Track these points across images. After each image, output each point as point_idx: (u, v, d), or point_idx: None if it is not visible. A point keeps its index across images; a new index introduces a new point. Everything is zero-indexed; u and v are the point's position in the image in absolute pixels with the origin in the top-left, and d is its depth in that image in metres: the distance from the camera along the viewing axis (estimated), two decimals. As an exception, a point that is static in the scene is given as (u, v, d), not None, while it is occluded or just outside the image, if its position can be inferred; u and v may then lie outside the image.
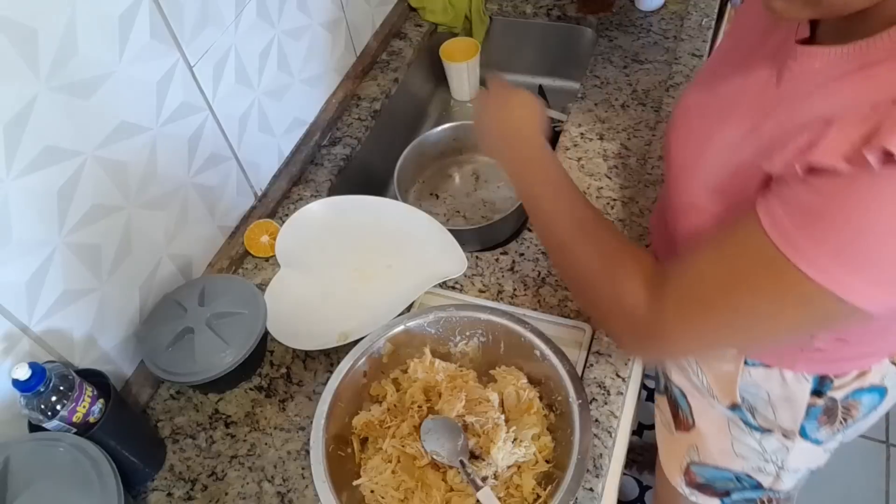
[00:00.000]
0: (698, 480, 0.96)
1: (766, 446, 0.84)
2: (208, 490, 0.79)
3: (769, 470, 0.87)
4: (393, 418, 0.75)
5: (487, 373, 0.79)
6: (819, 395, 0.77)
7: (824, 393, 0.77)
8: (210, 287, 0.86)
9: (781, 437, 0.82)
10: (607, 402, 0.79)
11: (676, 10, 1.29)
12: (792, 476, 0.88)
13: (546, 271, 0.93)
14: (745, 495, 0.93)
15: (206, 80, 0.86)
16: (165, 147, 0.82)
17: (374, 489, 0.71)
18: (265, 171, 1.06)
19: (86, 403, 0.69)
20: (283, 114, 1.06)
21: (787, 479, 0.88)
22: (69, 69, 0.67)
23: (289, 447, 0.81)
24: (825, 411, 0.78)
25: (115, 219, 0.77)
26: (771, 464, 0.86)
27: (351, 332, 0.86)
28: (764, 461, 0.86)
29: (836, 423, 0.80)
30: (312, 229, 0.98)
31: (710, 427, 0.88)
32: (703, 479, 0.95)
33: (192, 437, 0.83)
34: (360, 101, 1.24)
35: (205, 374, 0.78)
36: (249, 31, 0.92)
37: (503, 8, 1.40)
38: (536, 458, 0.71)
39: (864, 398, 0.78)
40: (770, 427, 0.82)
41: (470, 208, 1.20)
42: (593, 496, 0.73)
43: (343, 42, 1.19)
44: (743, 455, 0.87)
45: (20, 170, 0.64)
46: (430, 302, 0.91)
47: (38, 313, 0.71)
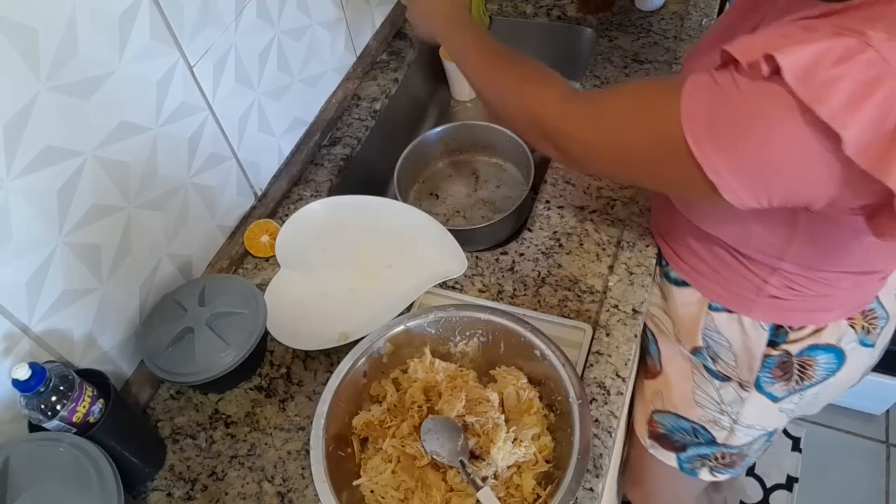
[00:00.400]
0: (659, 430, 1.00)
1: (723, 396, 0.88)
2: (208, 490, 0.79)
3: (724, 423, 0.90)
4: (393, 418, 0.75)
5: (487, 373, 0.79)
6: (774, 346, 0.81)
7: (779, 344, 0.81)
8: (210, 287, 0.86)
9: (738, 388, 0.86)
10: (607, 402, 0.79)
11: (676, 10, 1.29)
12: (745, 432, 0.91)
13: (546, 271, 0.93)
14: (700, 451, 0.96)
15: (206, 80, 0.86)
16: (165, 147, 0.82)
17: (374, 489, 0.71)
18: (265, 171, 1.06)
19: (86, 403, 0.69)
20: (283, 114, 1.06)
21: (740, 434, 0.91)
22: (69, 69, 0.67)
23: (289, 447, 0.81)
24: (780, 365, 0.82)
25: (115, 219, 0.77)
26: (726, 416, 0.90)
27: (351, 332, 0.86)
28: (720, 412, 0.90)
29: (792, 380, 0.83)
30: (312, 229, 0.98)
31: (675, 373, 0.93)
32: (663, 429, 0.99)
33: (192, 437, 0.83)
34: (360, 101, 1.24)
35: (205, 374, 0.78)
36: (249, 31, 0.92)
37: (503, 8, 1.40)
38: (536, 458, 0.71)
39: (819, 356, 0.81)
40: (728, 375, 0.86)
41: (470, 208, 1.20)
42: (593, 496, 0.73)
43: (343, 42, 1.19)
44: (701, 403, 0.91)
45: (20, 170, 0.64)
46: (430, 302, 0.91)
47: (38, 313, 0.71)
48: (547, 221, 0.99)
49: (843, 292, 0.75)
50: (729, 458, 0.96)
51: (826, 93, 0.47)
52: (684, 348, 0.90)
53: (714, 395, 0.89)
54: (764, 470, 1.65)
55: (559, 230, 0.97)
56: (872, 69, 0.46)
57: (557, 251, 0.95)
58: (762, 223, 0.68)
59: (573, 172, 1.04)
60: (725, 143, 0.53)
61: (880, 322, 0.82)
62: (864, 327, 0.81)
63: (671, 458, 1.00)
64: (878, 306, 0.82)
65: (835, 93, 0.46)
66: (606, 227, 0.96)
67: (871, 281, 0.76)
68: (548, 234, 0.97)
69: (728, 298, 0.82)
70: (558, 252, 0.95)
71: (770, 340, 0.81)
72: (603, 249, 0.94)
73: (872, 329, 0.82)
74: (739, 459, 0.97)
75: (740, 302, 0.81)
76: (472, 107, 1.43)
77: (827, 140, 0.48)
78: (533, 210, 1.01)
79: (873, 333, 0.83)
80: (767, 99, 0.50)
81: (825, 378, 0.83)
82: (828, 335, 0.79)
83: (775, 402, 0.86)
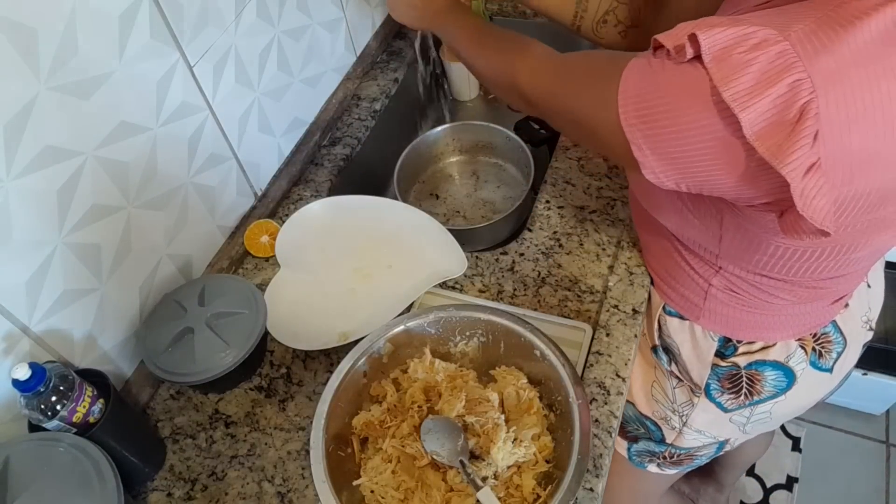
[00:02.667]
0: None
1: (676, 396, 0.89)
2: (208, 490, 0.79)
3: (674, 423, 0.91)
4: (393, 418, 0.75)
5: (487, 373, 0.79)
6: (723, 357, 0.82)
7: (727, 356, 0.81)
8: (210, 287, 0.86)
9: (689, 391, 0.87)
10: (607, 402, 0.79)
11: (676, 10, 1.29)
12: (694, 437, 0.91)
13: (546, 271, 0.93)
14: (650, 447, 0.97)
15: (206, 80, 0.86)
16: (165, 147, 0.82)
17: (374, 489, 0.71)
18: (265, 171, 1.06)
19: (86, 403, 0.69)
20: (283, 114, 1.06)
21: (689, 437, 0.92)
22: (69, 69, 0.67)
23: (289, 447, 0.81)
24: (728, 377, 0.83)
25: (115, 219, 0.77)
26: (677, 416, 0.90)
27: (351, 332, 0.86)
28: (672, 412, 0.91)
29: (741, 394, 0.83)
30: (312, 229, 0.98)
31: (639, 365, 0.93)
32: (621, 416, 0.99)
33: (192, 437, 0.83)
34: (360, 101, 1.24)
35: (205, 374, 0.78)
36: (249, 31, 0.92)
37: (503, 8, 1.40)
38: (536, 458, 0.71)
39: (767, 372, 0.81)
40: (681, 377, 0.87)
41: (470, 208, 1.20)
42: (593, 496, 0.73)
43: (343, 42, 1.19)
44: (657, 399, 0.92)
45: (20, 170, 0.64)
46: (430, 302, 0.91)
47: (38, 313, 0.71)
48: (547, 221, 0.99)
49: (786, 305, 0.75)
50: (676, 458, 0.97)
51: (734, 75, 0.48)
52: (646, 343, 0.91)
53: (669, 394, 0.89)
54: (764, 470, 1.65)
55: (559, 230, 0.97)
56: (782, 59, 0.47)
57: (557, 251, 0.95)
58: (695, 212, 0.69)
59: (573, 172, 1.04)
60: (647, 123, 0.55)
61: (835, 347, 0.82)
62: (816, 350, 0.81)
63: (622, 447, 1.01)
64: (835, 331, 0.81)
65: (742, 76, 0.48)
66: (606, 227, 0.96)
67: (821, 300, 0.76)
68: (548, 234, 0.97)
69: (679, 303, 0.83)
70: (558, 252, 0.95)
71: (718, 351, 0.82)
72: (603, 249, 0.94)
73: (826, 353, 0.82)
74: (688, 460, 0.97)
75: (690, 307, 0.82)
76: (472, 107, 1.43)
77: (730, 124, 0.49)
78: (533, 210, 1.01)
79: (827, 358, 0.82)
80: (684, 79, 0.51)
81: (774, 395, 0.82)
82: (776, 353, 0.80)
83: (725, 413, 0.86)
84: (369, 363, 0.77)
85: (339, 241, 0.99)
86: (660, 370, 0.90)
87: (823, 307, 0.77)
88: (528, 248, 0.96)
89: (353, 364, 0.75)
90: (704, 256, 0.76)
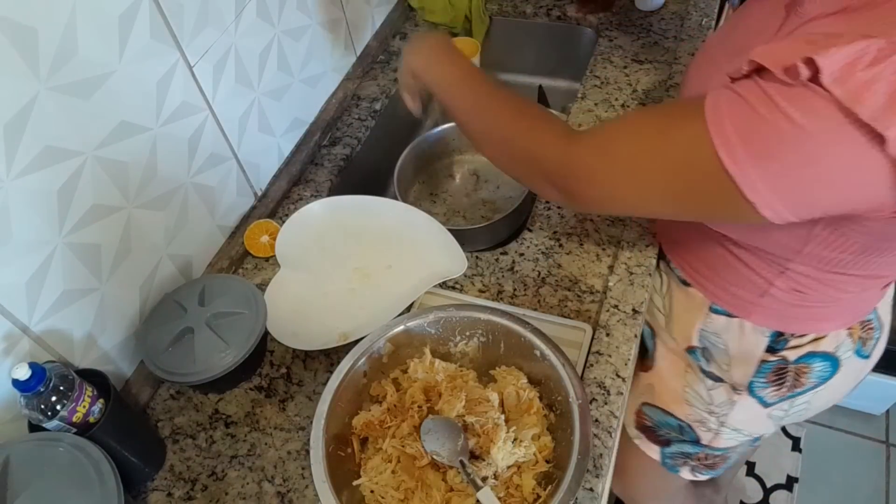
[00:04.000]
0: (646, 422, 1.00)
1: (713, 397, 0.88)
2: (208, 490, 0.79)
3: (711, 424, 0.90)
4: (393, 418, 0.75)
5: (487, 373, 0.79)
6: (773, 352, 0.81)
7: (778, 350, 0.80)
8: (210, 287, 0.86)
9: (730, 390, 0.86)
10: (607, 402, 0.79)
11: (676, 10, 1.29)
12: (731, 436, 0.91)
13: (546, 271, 0.93)
14: (683, 448, 0.97)
15: (206, 80, 0.86)
16: (165, 147, 0.82)
17: (374, 489, 0.71)
18: (265, 171, 1.06)
19: (86, 403, 0.69)
20: (283, 114, 1.06)
21: (726, 437, 0.91)
22: (69, 69, 0.67)
23: (289, 447, 0.81)
24: (775, 370, 0.82)
25: (115, 219, 0.77)
26: (714, 417, 0.90)
27: (351, 332, 0.86)
28: (708, 413, 0.90)
29: (784, 386, 0.82)
30: (312, 229, 0.98)
31: (667, 368, 0.93)
32: (650, 421, 0.99)
33: (192, 437, 0.83)
34: (360, 101, 1.24)
35: (205, 374, 0.78)
36: (249, 31, 0.92)
37: (503, 8, 1.40)
38: (536, 458, 0.71)
39: (815, 364, 0.81)
40: (721, 377, 0.86)
41: (470, 208, 1.20)
42: (593, 496, 0.73)
43: (343, 42, 1.19)
44: (690, 402, 0.91)
45: (20, 170, 0.64)
46: (430, 302, 0.91)
47: (38, 313, 0.71)
48: (547, 221, 0.99)
49: (849, 297, 0.74)
50: (711, 460, 0.96)
51: (865, 94, 0.46)
52: (678, 345, 0.90)
53: (704, 395, 0.89)
54: (764, 470, 1.65)
55: (559, 230, 0.97)
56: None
57: (557, 251, 0.95)
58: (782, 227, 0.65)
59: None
60: (763, 158, 0.51)
61: (875, 333, 0.82)
62: (861, 338, 0.81)
63: (654, 451, 1.00)
64: (874, 317, 0.81)
65: (873, 94, 0.46)
66: (606, 227, 0.96)
67: (875, 286, 0.75)
68: (548, 234, 0.97)
69: (729, 301, 0.81)
70: (558, 252, 0.95)
71: (769, 346, 0.81)
72: (603, 249, 0.94)
73: (868, 340, 0.82)
74: (721, 461, 0.97)
75: (741, 305, 0.80)
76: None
77: (871, 143, 0.47)
78: (533, 210, 1.01)
79: (868, 345, 0.82)
80: (805, 105, 0.48)
81: (817, 385, 0.82)
82: (827, 343, 0.79)
83: (765, 408, 0.86)
84: (369, 363, 0.77)
85: (339, 241, 0.99)
86: (693, 373, 0.89)
87: (875, 294, 0.77)
88: (528, 248, 0.96)
89: (353, 364, 0.75)
90: (772, 259, 0.72)
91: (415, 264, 0.95)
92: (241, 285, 0.86)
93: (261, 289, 0.90)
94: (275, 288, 0.93)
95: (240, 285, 0.86)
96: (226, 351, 0.80)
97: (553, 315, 0.87)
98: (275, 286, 0.93)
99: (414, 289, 0.91)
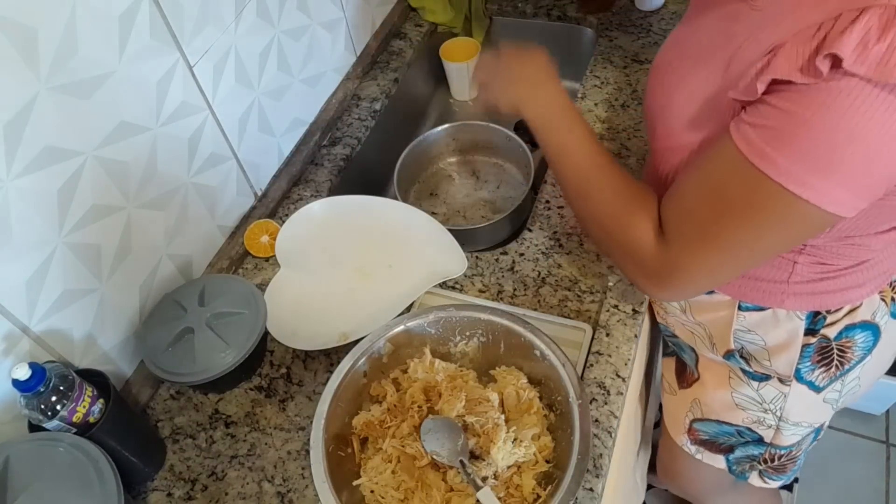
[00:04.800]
0: (701, 437, 0.98)
1: (764, 395, 0.87)
2: (208, 490, 0.79)
3: (769, 421, 0.89)
4: (393, 418, 0.75)
5: (487, 373, 0.79)
6: (813, 334, 0.80)
7: (817, 330, 0.79)
8: (210, 287, 0.86)
9: (778, 383, 0.85)
10: (607, 402, 0.79)
11: (676, 10, 1.29)
12: (793, 431, 0.89)
13: (546, 271, 0.93)
14: (748, 451, 0.95)
15: (206, 80, 0.86)
16: (165, 147, 0.82)
17: (374, 489, 0.71)
18: (265, 171, 1.06)
19: (86, 403, 0.69)
20: (283, 114, 1.06)
21: (787, 433, 0.89)
22: (69, 69, 0.67)
23: (289, 447, 0.81)
24: (818, 350, 0.80)
25: (115, 219, 0.77)
26: (770, 414, 0.88)
27: (351, 332, 0.86)
28: (763, 412, 0.88)
29: (833, 366, 0.81)
30: (312, 229, 0.98)
31: (712, 379, 0.91)
32: (706, 435, 0.97)
33: (192, 437, 0.83)
34: (360, 101, 1.24)
35: (205, 374, 0.78)
36: (249, 31, 0.92)
37: (503, 8, 1.40)
38: (536, 458, 0.71)
39: (857, 336, 0.80)
40: (766, 373, 0.85)
41: (470, 208, 1.20)
42: (593, 496, 0.73)
43: (343, 42, 1.19)
44: (742, 406, 0.89)
45: (20, 170, 0.64)
46: (430, 302, 0.91)
47: (38, 313, 0.71)
48: (547, 221, 0.99)
49: (874, 257, 0.73)
50: (778, 461, 0.94)
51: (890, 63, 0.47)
52: (717, 354, 0.88)
53: (755, 396, 0.87)
54: (764, 470, 1.65)
55: (559, 230, 0.97)
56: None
57: (557, 251, 0.95)
58: None
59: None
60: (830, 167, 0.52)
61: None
62: (894, 298, 0.79)
63: (720, 461, 0.98)
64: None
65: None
66: (606, 227, 0.96)
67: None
68: (548, 234, 0.97)
69: (757, 295, 0.79)
70: (558, 252, 0.95)
71: (808, 329, 0.79)
72: (603, 249, 0.94)
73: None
74: (790, 463, 0.95)
75: (770, 295, 0.78)
76: (472, 106, 1.43)
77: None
78: (533, 210, 1.01)
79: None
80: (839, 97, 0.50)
81: (863, 357, 0.81)
82: (863, 312, 0.78)
83: (818, 393, 0.84)
84: (369, 363, 0.77)
85: (339, 241, 0.99)
86: (737, 377, 0.87)
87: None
88: (528, 248, 0.96)
89: (353, 364, 0.75)
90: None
91: (415, 264, 0.95)
92: (241, 285, 0.86)
93: (261, 289, 0.90)
94: (275, 288, 0.93)
95: (240, 285, 0.86)
96: (226, 351, 0.80)
97: (553, 315, 0.87)
98: (275, 286, 0.93)
99: (414, 289, 0.91)
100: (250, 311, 0.83)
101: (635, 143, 1.07)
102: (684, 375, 0.98)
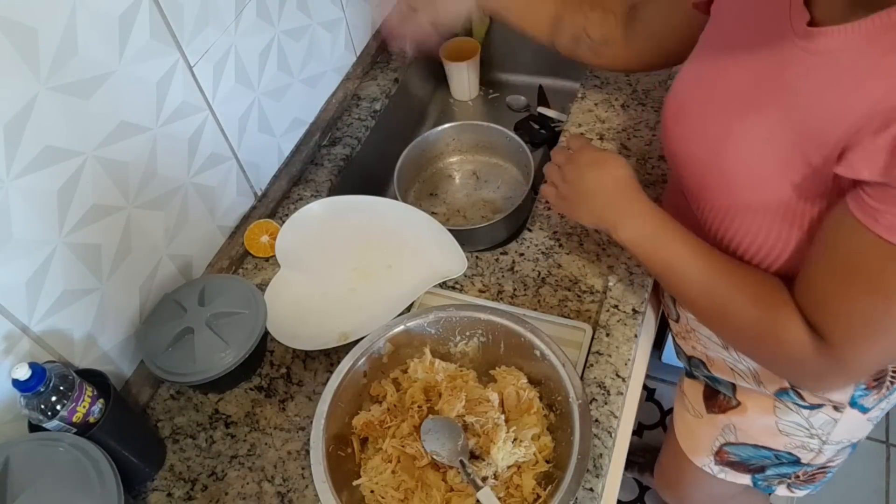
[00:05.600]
0: (731, 459, 0.96)
1: (812, 422, 0.85)
2: (208, 490, 0.79)
3: (812, 446, 0.88)
4: (393, 418, 0.75)
5: (487, 373, 0.79)
6: None
7: None
8: (210, 287, 0.86)
9: (831, 410, 0.82)
10: (607, 402, 0.79)
11: (676, 10, 1.29)
12: (832, 449, 0.88)
13: (546, 271, 0.93)
14: (781, 471, 0.94)
15: (206, 80, 0.86)
16: (165, 147, 0.82)
17: (374, 489, 0.71)
18: (265, 171, 1.06)
19: (86, 403, 0.69)
20: (283, 114, 1.06)
21: (828, 452, 0.88)
22: (69, 69, 0.67)
23: (289, 447, 0.81)
24: (875, 377, 0.78)
25: (115, 219, 0.77)
26: (815, 439, 0.86)
27: (351, 332, 0.86)
28: (809, 437, 0.87)
29: (884, 387, 0.79)
30: (312, 229, 0.98)
31: (755, 406, 0.88)
32: (737, 458, 0.96)
33: (192, 437, 0.83)
34: (360, 101, 1.24)
35: (205, 374, 0.78)
36: (249, 31, 0.92)
37: (503, 8, 1.40)
38: (536, 458, 0.71)
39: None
40: (820, 402, 0.82)
41: (470, 208, 1.20)
42: (593, 496, 0.73)
43: (343, 42, 1.19)
44: (787, 432, 0.88)
45: (20, 170, 0.64)
46: (430, 302, 0.91)
47: (38, 313, 0.71)
48: (547, 221, 0.99)
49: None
50: (810, 475, 0.93)
51: None
52: (765, 390, 0.85)
53: (803, 423, 0.85)
54: (764, 470, 1.65)
55: (559, 230, 0.97)
56: None
57: (557, 251, 0.95)
58: None
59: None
60: None
61: None
62: None
63: (745, 479, 0.97)
64: None
65: None
66: (606, 227, 0.96)
67: None
68: (548, 234, 0.97)
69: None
70: (558, 252, 0.95)
71: None
72: (603, 249, 0.94)
73: None
74: (821, 475, 0.94)
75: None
76: (472, 106, 1.43)
77: None
78: (533, 210, 1.01)
79: None
80: None
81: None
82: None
83: (865, 413, 0.82)
84: (369, 363, 0.77)
85: (339, 241, 0.99)
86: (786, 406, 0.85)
87: None
88: (528, 248, 0.96)
89: (353, 364, 0.75)
90: None
91: (415, 264, 0.95)
92: (241, 285, 0.86)
93: (261, 289, 0.90)
94: (275, 288, 0.93)
95: (240, 285, 0.86)
96: (226, 351, 0.80)
97: (553, 315, 0.87)
98: (275, 286, 0.93)
99: (414, 289, 0.91)
100: (250, 311, 0.83)
101: (635, 143, 1.07)
102: (716, 401, 0.95)
